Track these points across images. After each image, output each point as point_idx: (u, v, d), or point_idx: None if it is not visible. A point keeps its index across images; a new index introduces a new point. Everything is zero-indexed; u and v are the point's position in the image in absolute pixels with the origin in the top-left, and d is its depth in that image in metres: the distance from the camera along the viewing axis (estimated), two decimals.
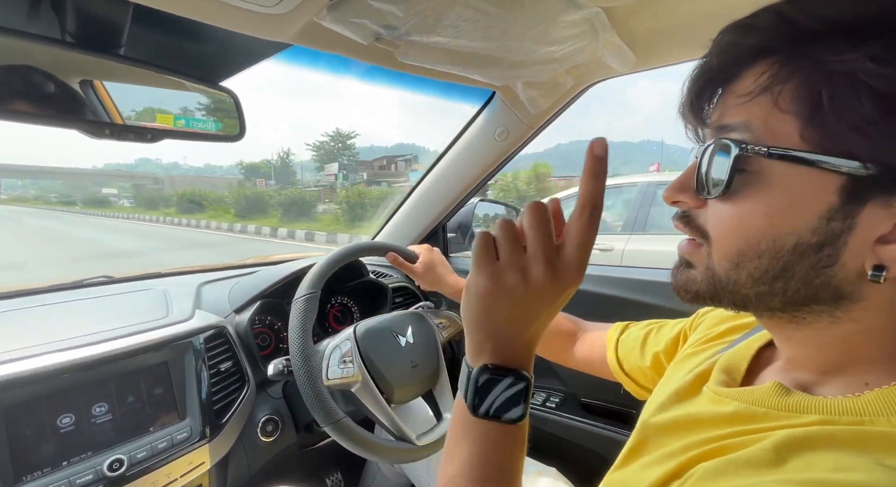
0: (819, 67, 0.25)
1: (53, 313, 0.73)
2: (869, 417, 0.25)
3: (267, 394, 0.83)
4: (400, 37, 0.58)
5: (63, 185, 45.16)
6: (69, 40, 0.45)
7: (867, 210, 0.25)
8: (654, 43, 0.69)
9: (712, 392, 0.35)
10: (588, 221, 0.32)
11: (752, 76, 0.27)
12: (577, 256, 0.32)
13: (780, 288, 0.28)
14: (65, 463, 0.57)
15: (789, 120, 0.26)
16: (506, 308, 0.34)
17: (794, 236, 0.26)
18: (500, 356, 0.35)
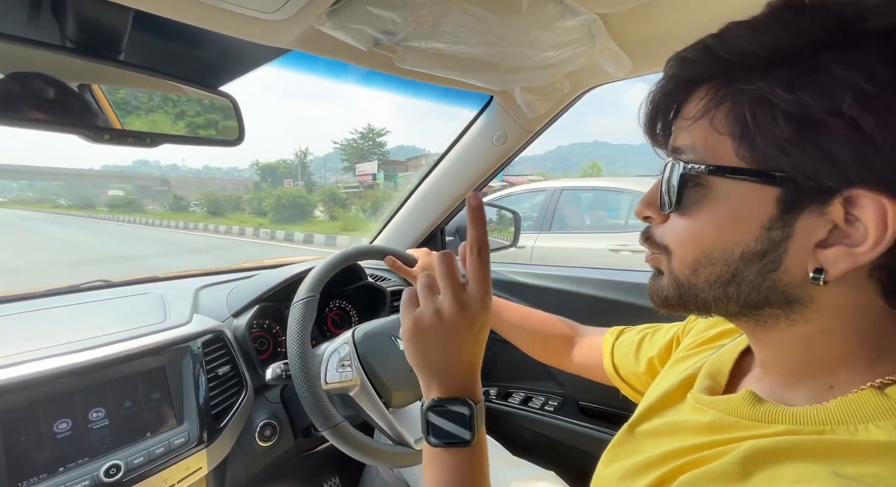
0: (741, 93, 0.28)
1: (50, 317, 0.73)
2: (831, 426, 0.27)
3: (265, 399, 0.83)
4: (398, 42, 0.58)
5: (62, 187, 42.76)
6: (69, 46, 0.45)
7: (804, 218, 0.27)
8: (650, 49, 0.70)
9: (694, 401, 0.37)
10: (478, 259, 0.40)
11: (693, 101, 0.31)
12: (478, 288, 0.40)
13: (734, 292, 0.30)
14: (61, 469, 0.56)
15: (726, 140, 0.29)
16: (434, 346, 0.40)
17: (741, 244, 0.29)
18: (443, 389, 0.40)
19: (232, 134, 0.62)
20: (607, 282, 0.97)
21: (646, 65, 0.73)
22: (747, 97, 0.27)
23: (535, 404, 1.05)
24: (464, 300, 0.39)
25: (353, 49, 0.59)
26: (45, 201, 31.65)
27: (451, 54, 0.62)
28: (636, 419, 0.42)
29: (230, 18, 0.48)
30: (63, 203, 31.78)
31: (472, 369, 0.41)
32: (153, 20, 0.45)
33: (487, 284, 0.40)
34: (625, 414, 0.92)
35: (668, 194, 0.32)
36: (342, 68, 0.73)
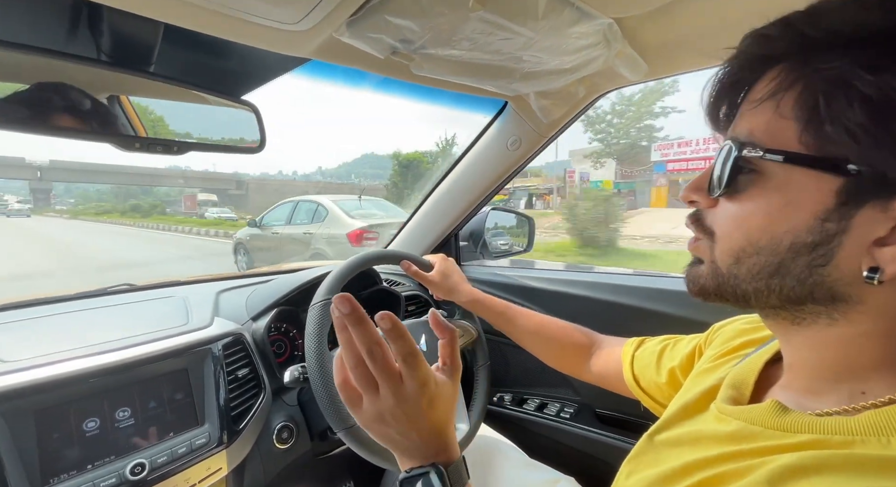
0: (818, 74, 0.26)
1: (79, 319, 0.75)
2: (860, 437, 0.25)
3: (282, 401, 0.84)
4: (416, 50, 0.59)
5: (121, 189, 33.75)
6: (104, 59, 0.48)
7: (864, 213, 0.26)
8: (666, 52, 0.69)
9: (717, 411, 0.36)
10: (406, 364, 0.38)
11: (763, 82, 0.29)
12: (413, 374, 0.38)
13: (777, 285, 0.29)
14: (89, 467, 0.58)
15: (789, 125, 0.27)
16: (391, 431, 0.39)
17: (791, 234, 0.28)
18: (412, 461, 0.40)
19: (254, 142, 0.64)
20: (625, 287, 0.96)
21: (662, 68, 0.73)
22: (823, 78, 0.26)
23: (550, 410, 1.03)
24: (403, 394, 0.38)
25: (371, 57, 0.60)
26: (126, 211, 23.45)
27: (467, 61, 0.63)
28: (656, 429, 0.41)
29: (255, 30, 0.50)
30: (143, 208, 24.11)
31: (437, 436, 0.40)
32: (182, 33, 0.47)
33: (422, 376, 0.38)
34: (642, 422, 0.91)
35: (720, 178, 0.31)
36: (359, 76, 0.75)
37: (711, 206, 0.33)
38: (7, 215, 19.47)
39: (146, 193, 33.02)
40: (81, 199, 34.27)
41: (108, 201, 31.88)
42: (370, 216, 4.65)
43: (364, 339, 0.37)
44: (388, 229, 4.42)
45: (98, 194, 36.31)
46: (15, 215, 19.27)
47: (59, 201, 32.26)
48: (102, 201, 33.08)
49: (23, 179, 28.49)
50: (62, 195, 34.95)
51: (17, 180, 33.17)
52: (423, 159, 14.96)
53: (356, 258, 0.80)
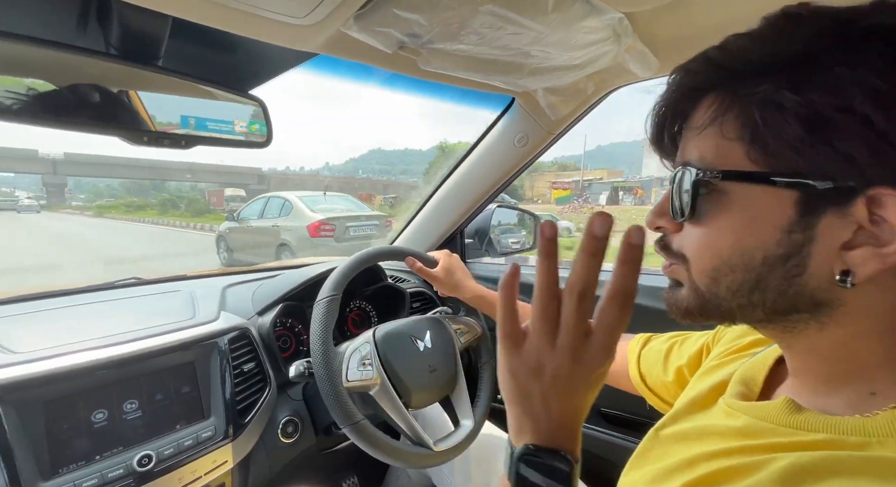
0: (749, 98, 0.28)
1: (87, 312, 0.76)
2: (877, 438, 0.25)
3: (287, 396, 0.85)
4: (423, 45, 0.59)
5: (132, 183, 30.29)
6: (113, 53, 0.48)
7: (826, 220, 0.26)
8: (678, 48, 0.68)
9: (726, 406, 0.35)
10: (621, 308, 0.31)
11: (701, 111, 0.31)
12: (606, 343, 0.32)
13: (759, 299, 0.29)
14: (97, 457, 0.59)
15: (736, 145, 0.29)
16: (536, 391, 0.33)
17: (762, 249, 0.28)
18: (539, 436, 0.33)
19: (260, 136, 0.64)
20: None
21: (673, 64, 0.71)
22: (754, 101, 0.27)
23: None
24: (583, 352, 0.32)
25: (378, 52, 0.60)
26: (152, 208, 20.50)
27: (475, 56, 0.62)
28: (663, 424, 0.41)
29: (262, 24, 0.50)
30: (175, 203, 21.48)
31: (577, 421, 0.34)
32: (190, 27, 0.47)
33: (616, 339, 0.32)
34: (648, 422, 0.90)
35: (681, 202, 0.32)
36: (366, 71, 0.75)
37: (677, 230, 0.34)
38: (17, 210, 18.68)
39: (158, 188, 29.85)
40: (94, 194, 30.99)
41: (124, 197, 28.20)
42: (331, 211, 5.01)
43: (587, 273, 0.30)
44: (345, 221, 4.81)
45: (109, 189, 32.85)
46: (25, 210, 18.46)
47: (73, 197, 28.61)
48: (115, 196, 29.66)
49: (35, 174, 26.36)
50: (74, 190, 30.94)
51: (30, 175, 30.47)
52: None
53: (361, 255, 0.80)
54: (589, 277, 0.30)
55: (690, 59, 0.32)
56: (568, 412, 0.33)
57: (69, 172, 25.84)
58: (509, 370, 0.34)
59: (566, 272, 0.31)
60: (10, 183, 40.21)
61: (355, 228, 4.86)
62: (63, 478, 0.55)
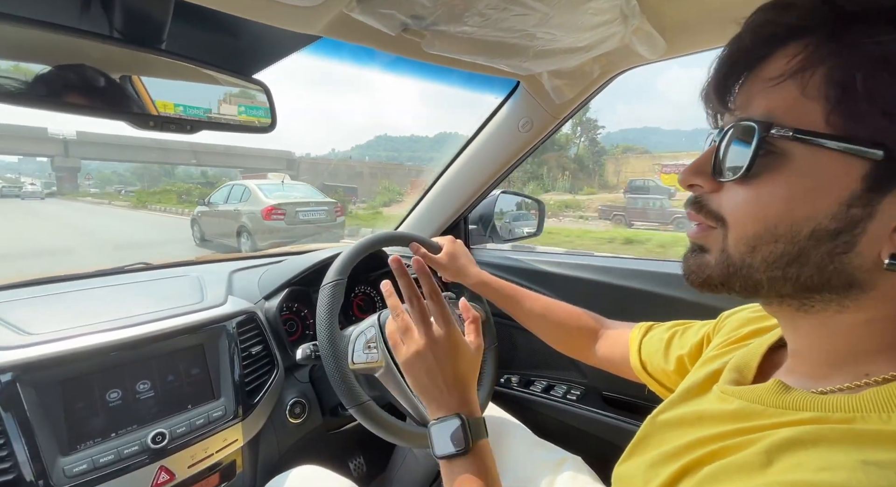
0: (855, 50, 0.24)
1: (98, 296, 0.78)
2: (861, 414, 0.25)
3: (294, 378, 0.87)
4: (427, 27, 0.58)
5: (144, 168, 26.93)
6: (116, 36, 0.48)
7: (890, 198, 0.25)
8: (686, 29, 0.67)
9: (720, 391, 0.35)
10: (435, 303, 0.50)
11: (783, 58, 0.27)
12: (441, 325, 0.49)
13: (794, 274, 0.28)
14: (113, 435, 0.61)
15: (815, 105, 0.25)
16: (423, 375, 0.48)
17: (813, 221, 0.26)
18: (440, 410, 0.47)
19: (265, 121, 0.64)
20: (634, 271, 0.95)
21: (681, 46, 0.71)
22: (862, 54, 0.24)
23: (557, 392, 1.05)
24: (433, 335, 0.48)
25: (382, 35, 0.59)
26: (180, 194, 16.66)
27: (480, 38, 0.62)
28: (660, 411, 0.41)
29: (264, 6, 0.49)
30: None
31: (463, 387, 0.48)
32: (192, 10, 0.47)
33: (449, 320, 0.49)
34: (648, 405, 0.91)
35: (732, 160, 0.29)
36: (369, 55, 0.74)
37: (715, 190, 0.31)
38: (21, 197, 17.24)
39: (186, 173, 26.42)
40: (108, 180, 26.01)
41: (147, 183, 24.78)
42: (285, 197, 5.70)
43: (406, 290, 0.49)
44: (295, 206, 5.53)
45: (118, 175, 27.17)
46: (28, 197, 17.18)
47: (92, 183, 23.93)
48: (127, 182, 25.70)
49: (44, 156, 21.61)
50: (92, 174, 25.78)
51: (38, 160, 25.72)
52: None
53: (366, 240, 0.81)
54: (408, 291, 0.49)
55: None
56: (453, 381, 0.48)
57: (83, 154, 21.83)
58: (403, 366, 0.50)
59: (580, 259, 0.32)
60: (15, 169, 35.55)
61: (304, 212, 5.62)
62: (81, 454, 0.57)
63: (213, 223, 6.04)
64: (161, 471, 0.62)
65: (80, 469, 0.56)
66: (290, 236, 5.38)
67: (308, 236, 5.67)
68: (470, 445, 0.44)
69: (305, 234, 5.61)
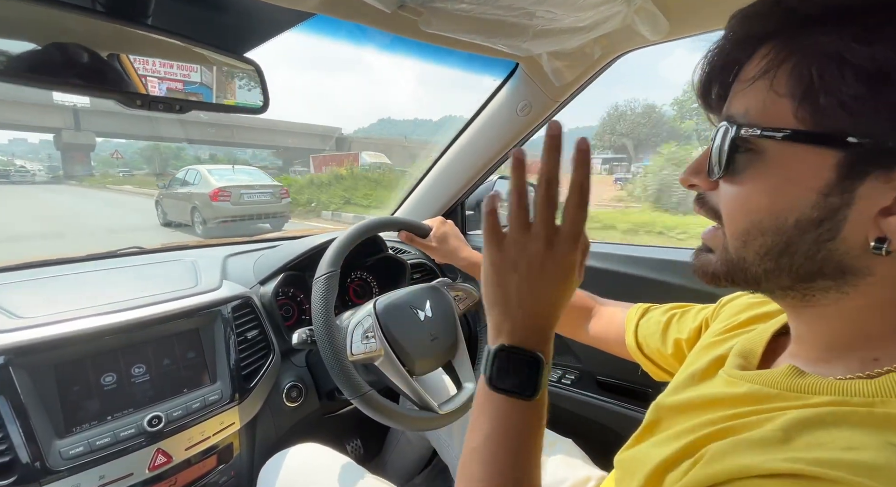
0: (809, 49, 0.26)
1: (92, 280, 0.77)
2: (881, 398, 0.25)
3: (291, 362, 0.87)
4: (423, 3, 0.56)
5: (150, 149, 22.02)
6: (100, 9, 0.46)
7: (867, 184, 0.25)
8: (689, 9, 0.65)
9: (727, 375, 0.36)
10: (578, 200, 0.36)
11: (755, 61, 0.29)
12: (573, 230, 0.37)
13: (786, 264, 0.29)
14: (109, 418, 0.61)
15: (784, 102, 0.27)
16: (514, 284, 0.37)
17: (795, 212, 0.28)
18: (514, 337, 0.37)
19: (257, 101, 0.62)
20: (631, 258, 0.95)
21: (684, 27, 0.69)
22: (815, 52, 0.26)
23: (551, 377, 1.06)
24: (554, 242, 0.36)
25: (377, 12, 0.57)
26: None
27: (478, 16, 0.60)
28: (665, 396, 0.41)
29: None
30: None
31: (549, 318, 0.38)
32: None
33: (579, 227, 0.37)
34: (643, 389, 0.93)
35: (718, 159, 0.31)
36: (366, 34, 0.72)
37: (712, 188, 0.33)
38: (33, 182, 15.07)
39: (230, 154, 20.85)
40: (106, 164, 21.20)
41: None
42: (232, 180, 6.20)
43: (551, 164, 0.36)
44: (240, 189, 6.03)
45: (121, 159, 22.10)
46: (20, 181, 15.36)
47: (118, 163, 19.25)
48: (134, 167, 21.00)
49: (48, 131, 16.02)
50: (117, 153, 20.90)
51: (29, 141, 20.87)
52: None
53: (359, 226, 0.79)
54: (552, 167, 0.36)
55: (753, 3, 0.29)
56: (541, 312, 0.38)
57: (99, 128, 16.33)
58: (491, 264, 0.38)
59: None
60: (7, 150, 30.78)
61: (249, 194, 6.13)
62: (77, 436, 0.57)
63: (173, 205, 6.56)
64: (158, 453, 0.63)
65: (76, 452, 0.56)
66: (237, 215, 5.99)
67: (256, 214, 6.23)
68: (539, 391, 0.37)
69: (253, 213, 6.19)
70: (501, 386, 0.37)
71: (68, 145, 15.87)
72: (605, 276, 0.97)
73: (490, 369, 0.37)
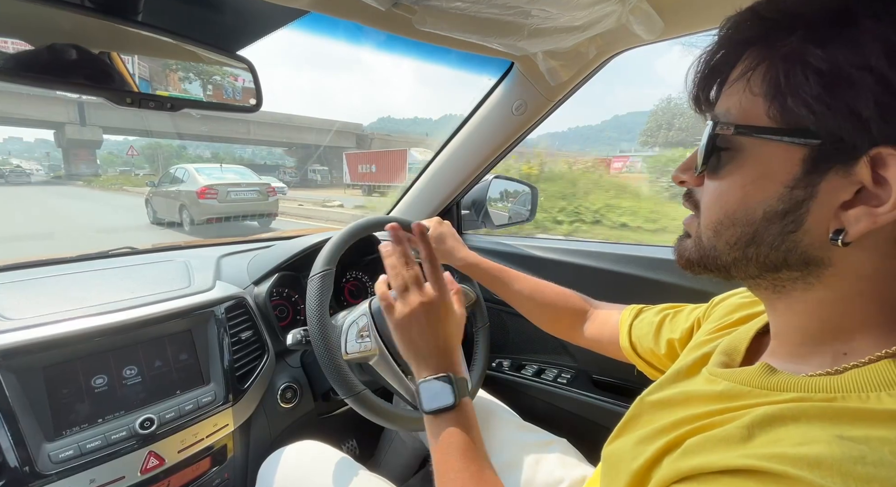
0: (777, 53, 0.28)
1: (82, 280, 0.76)
2: (842, 394, 0.27)
3: (286, 363, 0.86)
4: (418, 2, 0.56)
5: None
6: (89, 6, 0.45)
7: (829, 179, 0.27)
8: (684, 8, 0.65)
9: (708, 373, 0.37)
10: (430, 265, 0.53)
11: (739, 67, 0.31)
12: (435, 288, 0.52)
13: (753, 253, 0.31)
14: (100, 420, 0.60)
15: (759, 102, 0.29)
16: (415, 334, 0.51)
17: (764, 204, 0.29)
18: (429, 370, 0.50)
19: (250, 100, 0.62)
20: (625, 257, 0.95)
21: (678, 27, 0.69)
22: (781, 56, 0.28)
23: (547, 376, 1.06)
24: (428, 298, 0.51)
25: (371, 9, 0.57)
26: None
27: (473, 15, 0.60)
28: (648, 392, 0.42)
29: None
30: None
31: (451, 349, 0.51)
32: None
33: (443, 284, 0.52)
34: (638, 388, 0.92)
35: (702, 156, 0.33)
36: (361, 32, 0.72)
37: (699, 184, 0.35)
38: (30, 183, 13.86)
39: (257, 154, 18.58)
40: (107, 163, 19.10)
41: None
42: (219, 179, 6.33)
43: (403, 257, 0.53)
44: (227, 187, 6.13)
45: (121, 158, 20.48)
46: (14, 181, 14.34)
47: (134, 162, 17.02)
48: (136, 166, 17.72)
49: (48, 127, 14.32)
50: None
51: (24, 140, 18.64)
52: None
53: (353, 226, 0.79)
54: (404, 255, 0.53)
55: (737, 13, 0.31)
56: (440, 345, 0.50)
57: (107, 122, 14.21)
58: (395, 326, 0.52)
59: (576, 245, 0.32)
60: (3, 149, 27.57)
61: (235, 192, 6.25)
62: (67, 439, 0.57)
63: (162, 203, 6.65)
64: (150, 456, 0.62)
65: (66, 455, 0.55)
66: (224, 212, 6.04)
67: (244, 212, 6.37)
68: (457, 401, 0.47)
69: (240, 211, 6.31)
70: (432, 409, 0.47)
71: (72, 142, 14.31)
72: (600, 275, 0.97)
73: (421, 402, 0.48)
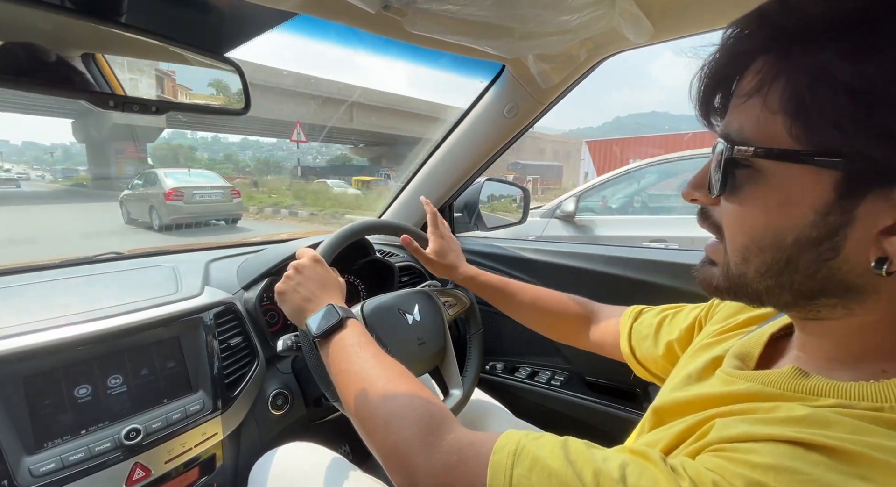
0: (799, 66, 0.25)
1: (67, 287, 0.74)
2: (889, 404, 0.25)
3: (276, 369, 0.85)
4: (408, 4, 0.56)
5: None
6: (69, 6, 0.44)
7: (867, 203, 0.25)
8: (673, 13, 0.66)
9: (724, 375, 0.35)
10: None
11: (748, 76, 0.28)
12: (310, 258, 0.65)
13: (787, 281, 0.29)
14: (83, 432, 0.58)
15: (777, 120, 0.26)
16: (294, 294, 0.60)
17: (794, 230, 0.27)
18: (314, 310, 0.58)
19: (238, 103, 0.61)
20: (620, 259, 0.96)
21: (668, 30, 0.70)
22: (805, 70, 0.25)
23: (541, 378, 1.06)
24: (296, 265, 0.63)
25: (361, 12, 0.56)
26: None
27: (464, 18, 0.59)
28: (661, 399, 0.41)
29: None
30: None
31: (330, 290, 0.61)
32: None
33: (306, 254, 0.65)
34: (631, 390, 0.93)
35: (716, 177, 0.30)
36: (351, 34, 0.71)
37: (714, 203, 0.33)
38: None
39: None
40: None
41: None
42: (185, 182, 6.83)
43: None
44: (192, 190, 6.59)
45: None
46: (4, 185, 13.86)
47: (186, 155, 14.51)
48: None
49: (68, 117, 11.08)
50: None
51: (11, 143, 18.20)
52: None
53: (347, 229, 0.78)
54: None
55: (743, 16, 0.29)
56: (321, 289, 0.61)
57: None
58: (278, 298, 0.62)
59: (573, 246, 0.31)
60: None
61: (200, 194, 6.73)
62: (48, 452, 0.55)
63: (135, 205, 7.19)
64: (136, 467, 0.60)
65: (47, 469, 0.53)
66: (190, 213, 6.48)
67: (209, 213, 6.78)
68: (344, 318, 0.53)
69: (205, 212, 6.73)
70: (321, 330, 0.53)
71: (115, 130, 9.55)
72: (593, 277, 0.98)
73: (310, 334, 0.55)
